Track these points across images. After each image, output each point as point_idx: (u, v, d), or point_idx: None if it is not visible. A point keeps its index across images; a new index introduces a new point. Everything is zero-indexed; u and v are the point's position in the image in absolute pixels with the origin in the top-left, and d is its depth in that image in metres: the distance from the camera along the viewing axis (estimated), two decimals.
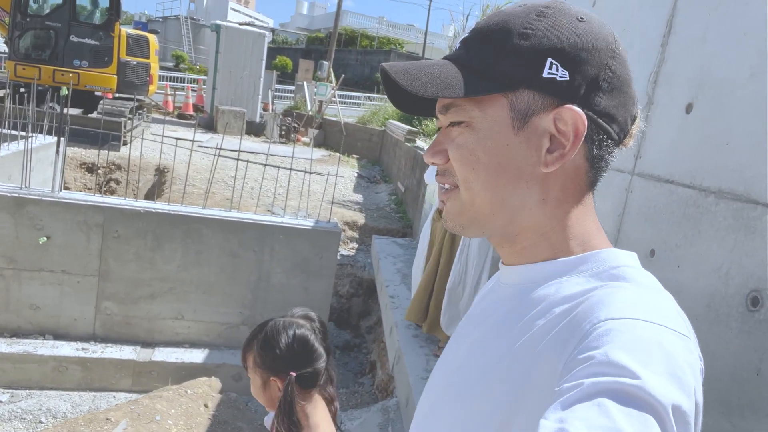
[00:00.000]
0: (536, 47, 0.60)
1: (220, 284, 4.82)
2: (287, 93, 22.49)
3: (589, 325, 0.52)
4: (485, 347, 0.66)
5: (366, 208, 8.27)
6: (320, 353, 1.42)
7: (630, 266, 0.61)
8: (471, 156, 0.64)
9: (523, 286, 0.66)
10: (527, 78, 0.60)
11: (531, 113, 0.61)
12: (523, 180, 0.63)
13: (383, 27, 43.56)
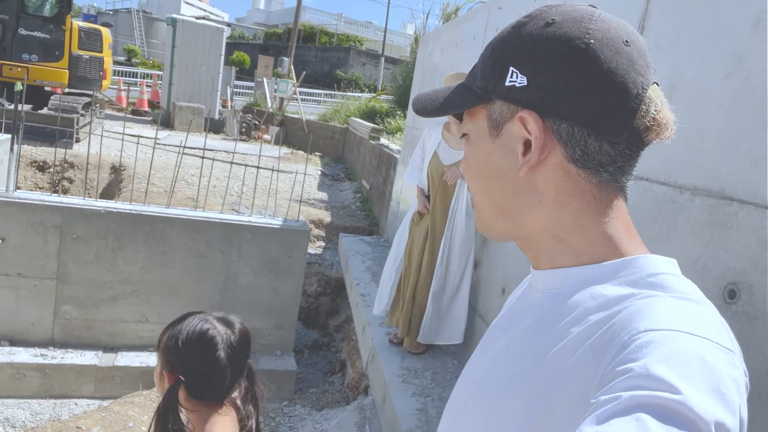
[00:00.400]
0: (502, 59, 0.63)
1: (186, 285, 4.71)
2: (246, 89, 22.11)
3: (627, 336, 0.50)
4: (515, 353, 0.65)
5: (331, 206, 8.23)
6: (221, 364, 1.25)
7: (670, 274, 0.59)
8: (468, 166, 0.71)
9: (553, 292, 0.65)
10: (496, 88, 0.63)
11: (503, 121, 0.64)
12: (509, 185, 0.65)
13: (342, 24, 43.36)
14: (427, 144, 3.35)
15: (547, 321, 0.63)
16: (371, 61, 31.62)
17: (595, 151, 0.60)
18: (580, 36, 0.59)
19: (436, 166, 3.22)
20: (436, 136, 3.29)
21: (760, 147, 1.43)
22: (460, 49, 4.41)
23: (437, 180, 3.22)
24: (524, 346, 0.64)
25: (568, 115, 0.59)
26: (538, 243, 0.67)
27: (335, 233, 7.15)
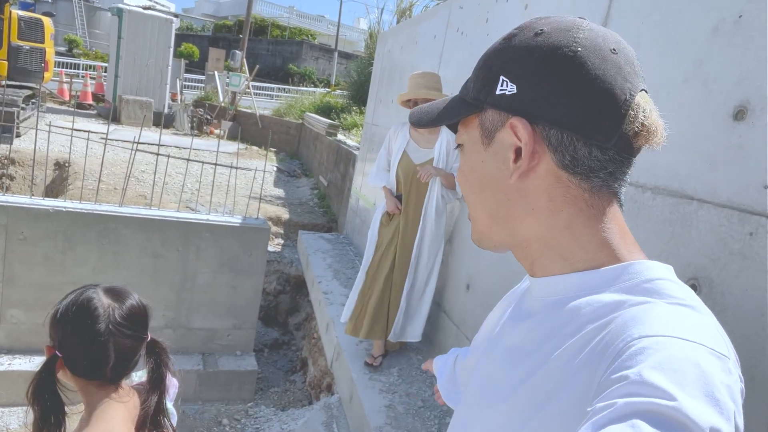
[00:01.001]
0: (493, 68, 0.64)
1: (141, 286, 4.55)
2: (197, 83, 21.53)
3: (622, 344, 0.51)
4: (514, 361, 0.65)
5: (289, 203, 8.13)
6: (99, 337, 1.11)
7: (666, 279, 0.59)
8: (463, 175, 0.72)
9: (551, 299, 0.65)
10: (487, 97, 0.64)
11: (494, 129, 0.65)
12: (502, 192, 0.66)
13: (294, 17, 42.77)
14: (393, 144, 3.31)
15: (545, 329, 0.63)
16: (324, 56, 31.36)
17: (585, 157, 0.61)
18: (568, 44, 0.61)
19: (406, 166, 3.19)
20: (403, 135, 3.26)
21: (718, 148, 1.51)
22: (420, 47, 4.44)
23: (410, 179, 3.19)
24: (523, 354, 0.64)
25: (557, 120, 0.60)
26: (532, 251, 0.68)
27: (294, 230, 7.07)
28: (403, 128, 3.28)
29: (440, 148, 3.12)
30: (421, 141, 3.20)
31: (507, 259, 2.58)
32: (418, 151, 3.19)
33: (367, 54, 13.31)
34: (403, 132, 3.27)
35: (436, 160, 3.12)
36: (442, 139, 3.13)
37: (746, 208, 1.41)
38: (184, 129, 13.40)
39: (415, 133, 3.22)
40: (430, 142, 3.18)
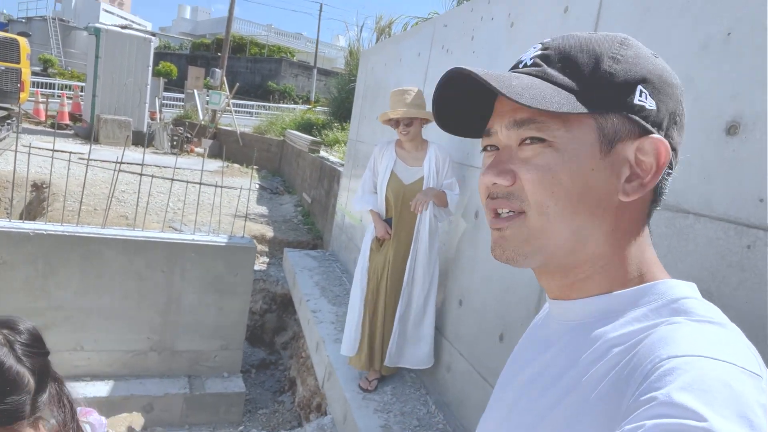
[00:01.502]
0: (628, 72, 0.59)
1: (125, 309, 4.47)
2: (176, 101, 21.39)
3: (650, 365, 0.50)
4: (541, 388, 0.63)
5: (273, 221, 8.07)
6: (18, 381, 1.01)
7: (691, 298, 0.58)
8: (553, 179, 0.60)
9: (577, 323, 0.63)
10: (619, 102, 0.59)
11: (617, 139, 0.59)
12: (601, 208, 0.60)
13: (272, 35, 42.90)
14: (379, 165, 3.18)
15: (571, 354, 0.61)
16: (304, 73, 31.45)
17: (667, 181, 0.63)
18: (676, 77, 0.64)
19: (396, 187, 3.08)
20: (389, 155, 3.13)
21: (713, 163, 1.54)
22: (404, 64, 4.47)
23: (400, 201, 3.07)
24: (549, 381, 0.62)
25: (676, 148, 0.62)
26: (580, 272, 0.63)
27: (278, 248, 7.01)
28: (389, 147, 3.17)
29: (429, 165, 3.02)
30: (408, 159, 3.11)
31: (499, 274, 2.59)
32: (406, 170, 3.09)
33: (347, 71, 13.37)
34: (389, 151, 3.15)
35: (426, 178, 3.02)
36: (431, 155, 3.04)
37: (743, 221, 1.43)
38: (164, 148, 13.28)
39: (401, 152, 3.14)
40: (418, 160, 3.09)
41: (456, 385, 2.93)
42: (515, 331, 2.40)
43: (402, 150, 3.14)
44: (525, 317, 2.33)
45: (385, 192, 3.10)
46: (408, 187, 3.07)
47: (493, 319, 2.61)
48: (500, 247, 0.65)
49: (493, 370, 2.56)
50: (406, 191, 3.05)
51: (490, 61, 2.97)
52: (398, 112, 2.94)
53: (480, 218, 2.87)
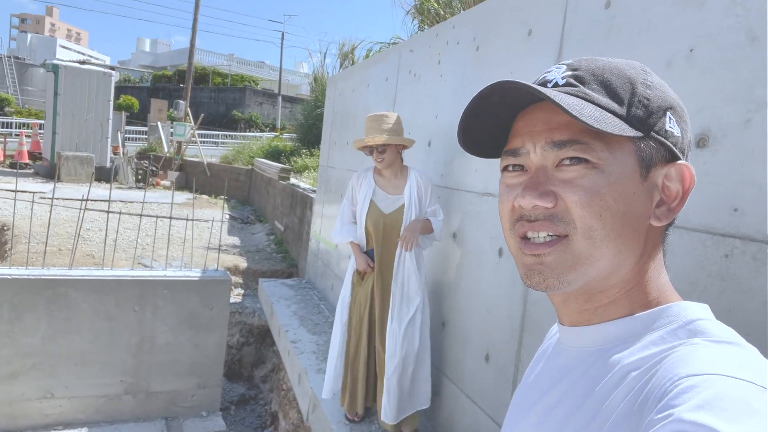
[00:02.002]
0: (659, 99, 0.61)
1: (96, 352, 4.31)
2: (139, 135, 21.08)
3: (669, 383, 0.49)
4: (560, 419, 0.62)
5: (245, 251, 7.95)
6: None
7: (706, 319, 0.58)
8: (601, 201, 0.58)
9: (592, 349, 0.63)
10: (656, 127, 0.60)
11: (652, 163, 0.60)
12: (638, 232, 0.61)
13: (235, 64, 42.92)
14: (357, 194, 3.01)
15: (589, 382, 0.61)
16: (268, 100, 31.45)
17: None
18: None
19: (375, 217, 2.91)
20: (367, 183, 2.97)
21: None
22: (372, 90, 4.51)
23: (381, 232, 2.90)
24: (567, 411, 0.62)
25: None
26: (605, 297, 0.63)
27: (253, 279, 6.90)
28: (367, 175, 3.01)
29: (411, 193, 2.86)
30: (388, 187, 2.95)
31: (481, 294, 2.59)
32: (386, 198, 2.94)
33: (312, 97, 13.42)
34: (367, 179, 2.99)
35: (407, 207, 2.85)
36: (412, 182, 2.88)
37: (719, 231, 1.46)
38: (129, 182, 13.03)
39: (380, 179, 2.97)
40: (399, 188, 2.92)
41: (444, 410, 2.90)
42: (501, 351, 2.39)
43: (381, 178, 2.98)
44: (510, 336, 2.33)
45: (365, 222, 2.94)
46: (389, 217, 2.92)
47: (478, 339, 2.60)
48: (540, 275, 0.61)
49: (481, 392, 2.54)
50: (387, 221, 2.90)
51: (457, 83, 3.02)
52: (374, 139, 2.78)
53: (458, 239, 2.88)
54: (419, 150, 3.37)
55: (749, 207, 1.39)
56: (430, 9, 7.24)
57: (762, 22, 1.38)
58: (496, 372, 2.43)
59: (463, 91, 2.95)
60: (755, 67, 1.39)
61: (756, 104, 1.38)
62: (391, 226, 2.90)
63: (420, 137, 3.38)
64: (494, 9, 2.72)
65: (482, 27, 2.81)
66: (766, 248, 1.35)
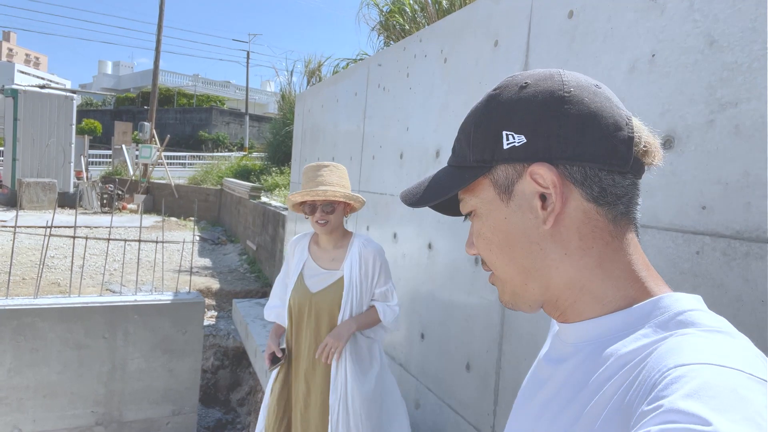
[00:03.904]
0: (491, 127, 0.67)
1: (65, 383, 4.16)
2: (103, 158, 20.66)
3: (658, 374, 0.50)
4: (554, 413, 0.64)
5: (218, 272, 7.82)
6: None
7: (697, 310, 0.59)
8: (485, 240, 0.70)
9: (584, 344, 0.65)
10: (494, 155, 0.66)
11: (511, 183, 0.66)
12: (534, 243, 0.65)
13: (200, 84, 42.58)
14: (291, 263, 2.45)
15: (581, 375, 0.62)
16: (235, 120, 31.25)
17: (610, 185, 0.63)
18: (560, 88, 0.64)
19: (300, 297, 2.31)
20: (300, 252, 2.41)
21: (653, 176, 1.62)
22: (341, 105, 4.52)
23: (305, 317, 2.30)
24: (562, 404, 0.63)
25: (578, 155, 0.62)
26: (565, 299, 0.67)
27: (227, 300, 6.78)
28: (302, 241, 2.44)
29: (351, 269, 2.29)
30: (322, 258, 2.36)
31: (459, 303, 2.59)
32: (317, 273, 2.34)
33: (280, 115, 13.40)
34: (301, 247, 2.43)
35: (346, 288, 2.26)
36: (353, 255, 2.31)
37: (689, 229, 1.50)
38: (94, 207, 12.73)
39: (316, 249, 2.39)
40: (336, 260, 2.33)
41: (427, 422, 2.88)
42: (481, 359, 2.39)
43: (316, 247, 2.40)
44: (490, 344, 2.33)
45: (288, 302, 2.34)
46: (316, 298, 2.28)
47: (458, 349, 2.60)
48: (500, 299, 0.74)
49: (463, 401, 2.53)
50: (313, 303, 2.28)
51: (426, 96, 3.05)
52: (324, 192, 2.19)
53: (434, 249, 2.89)
54: (391, 163, 3.38)
55: (716, 204, 1.43)
56: (395, 24, 7.34)
57: (719, 27, 1.44)
58: (478, 381, 2.43)
59: (432, 102, 2.98)
60: (716, 68, 1.44)
61: (719, 105, 1.43)
62: (318, 311, 2.27)
63: (392, 150, 3.40)
64: (461, 21, 2.77)
65: (449, 40, 2.85)
66: (734, 243, 1.38)
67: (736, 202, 1.39)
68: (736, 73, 1.40)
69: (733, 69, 1.40)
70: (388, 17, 7.52)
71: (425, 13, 6.85)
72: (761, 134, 1.32)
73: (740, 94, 1.38)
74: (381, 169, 3.57)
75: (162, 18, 17.37)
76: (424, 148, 2.97)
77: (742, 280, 1.36)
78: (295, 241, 2.49)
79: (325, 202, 2.24)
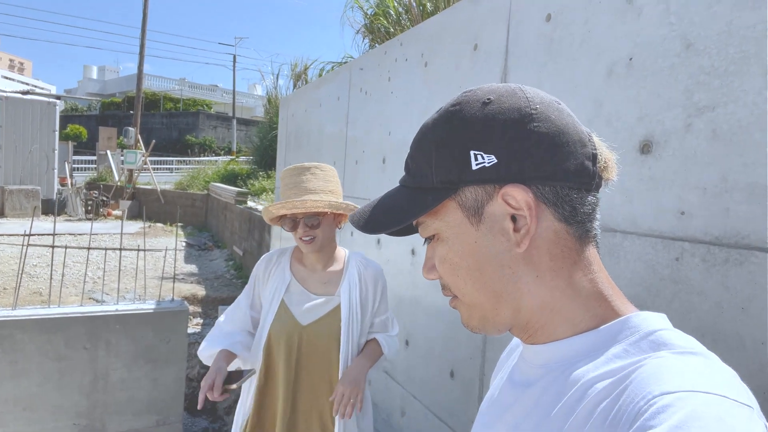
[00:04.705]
0: (456, 147, 0.62)
1: (45, 395, 4.07)
2: (88, 164, 20.45)
3: (643, 402, 0.49)
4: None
5: (204, 278, 7.75)
6: None
7: (666, 329, 0.59)
8: (450, 265, 0.66)
9: (553, 366, 0.63)
10: (462, 177, 0.62)
11: (481, 205, 0.62)
12: (506, 266, 0.63)
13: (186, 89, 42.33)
14: (263, 289, 1.95)
15: (551, 398, 0.61)
16: (222, 124, 31.10)
17: (580, 204, 0.62)
18: (526, 105, 0.62)
19: (288, 330, 1.85)
20: (280, 274, 1.93)
21: (632, 181, 1.60)
22: (324, 109, 4.48)
23: (294, 357, 1.84)
24: (532, 427, 0.61)
25: (549, 176, 0.60)
26: (535, 322, 0.65)
27: (213, 307, 6.71)
28: (281, 261, 1.98)
29: (351, 293, 1.91)
30: (313, 282, 1.93)
31: (442, 309, 2.57)
32: (306, 300, 1.90)
33: (267, 119, 13.33)
34: (280, 268, 1.95)
35: (345, 317, 1.87)
36: (351, 277, 1.93)
37: (668, 234, 1.48)
38: (78, 214, 12.58)
39: (300, 269, 1.96)
40: (331, 284, 1.93)
41: (411, 429, 2.84)
42: (466, 366, 2.37)
43: (302, 267, 1.97)
44: (474, 351, 2.31)
45: (267, 337, 1.86)
46: (308, 332, 1.86)
47: (442, 356, 2.57)
48: (462, 323, 0.71)
49: (448, 408, 2.51)
50: (305, 338, 1.85)
51: (407, 100, 3.02)
52: (303, 203, 1.78)
53: (417, 255, 2.86)
54: (374, 168, 3.35)
55: (695, 210, 1.41)
56: (380, 27, 7.32)
57: (695, 30, 1.42)
58: (462, 388, 2.40)
59: (413, 106, 2.96)
60: (693, 72, 1.42)
61: (696, 109, 1.41)
62: (312, 348, 1.86)
63: (374, 155, 3.37)
64: (440, 25, 2.75)
65: (429, 43, 2.82)
66: (714, 249, 1.37)
67: (715, 207, 1.37)
68: (712, 76, 1.38)
69: (710, 73, 1.38)
70: (373, 20, 7.49)
71: (409, 16, 6.84)
72: (738, 138, 1.30)
73: (717, 98, 1.37)
74: (364, 174, 3.54)
75: (146, 21, 17.24)
76: (406, 153, 2.94)
77: (722, 287, 1.34)
78: (268, 259, 1.99)
79: (308, 215, 1.83)
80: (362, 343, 1.97)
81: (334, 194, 1.88)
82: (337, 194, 1.90)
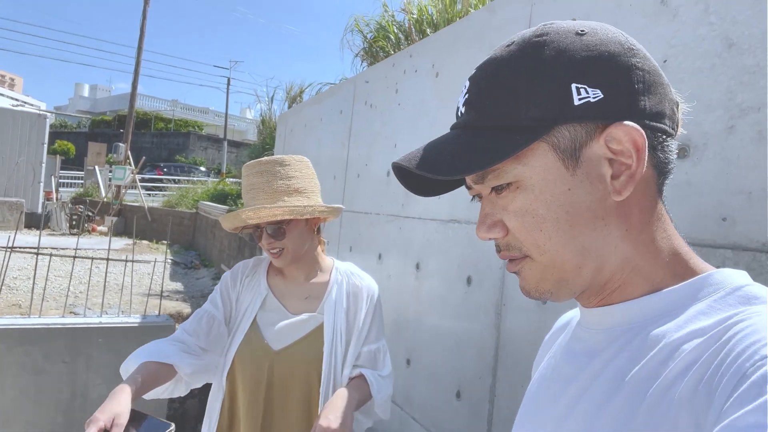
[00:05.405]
0: (555, 79, 0.54)
1: (21, 411, 3.85)
2: (74, 179, 20.20)
3: (749, 363, 0.44)
4: (589, 409, 0.55)
5: (190, 296, 7.55)
6: None
7: (752, 284, 0.54)
8: (534, 218, 0.57)
9: (623, 328, 0.57)
10: (560, 113, 0.54)
11: (579, 147, 0.55)
12: (600, 218, 0.56)
13: (178, 110, 42.40)
14: (233, 304, 1.64)
15: (624, 362, 0.54)
16: (213, 145, 31.09)
17: (671, 151, 0.58)
18: (624, 39, 0.57)
19: (258, 355, 1.54)
20: (255, 287, 1.64)
21: (668, 187, 1.52)
22: (325, 123, 4.42)
23: (263, 386, 1.54)
24: (601, 398, 0.54)
25: (653, 115, 0.55)
26: (614, 282, 0.58)
27: None
28: (256, 271, 1.69)
29: (336, 310, 1.60)
30: (292, 296, 1.63)
31: (450, 326, 2.46)
32: (282, 317, 1.59)
33: (260, 140, 13.29)
34: (256, 281, 1.65)
35: (329, 340, 1.55)
36: (337, 291, 1.63)
37: (708, 242, 1.40)
38: (62, 229, 12.34)
39: (279, 281, 1.67)
40: (312, 300, 1.62)
41: None
42: (474, 386, 2.24)
43: (279, 278, 1.67)
44: (483, 369, 2.19)
45: (231, 363, 1.57)
46: (281, 359, 1.55)
47: (448, 375, 2.45)
48: (524, 289, 0.62)
49: (453, 431, 2.37)
50: (276, 367, 1.54)
51: (416, 111, 2.96)
52: (255, 212, 1.48)
53: (422, 269, 2.75)
54: (377, 181, 3.27)
55: (738, 215, 1.34)
56: (378, 51, 7.35)
57: (738, 29, 1.37)
58: (470, 409, 2.27)
59: (422, 118, 2.89)
60: (735, 72, 1.37)
61: (739, 110, 1.35)
62: (287, 381, 1.55)
63: (379, 168, 3.29)
64: (455, 35, 2.71)
65: (442, 54, 2.78)
66: (760, 257, 1.29)
67: (761, 213, 1.29)
68: (757, 76, 1.32)
69: (755, 72, 1.33)
70: (372, 44, 7.53)
71: (409, 42, 6.88)
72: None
73: (763, 98, 1.31)
74: (366, 188, 3.46)
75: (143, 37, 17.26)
76: None
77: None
78: (242, 269, 1.69)
79: (269, 224, 1.51)
80: (346, 375, 1.58)
81: (301, 193, 1.56)
82: (308, 192, 1.58)
